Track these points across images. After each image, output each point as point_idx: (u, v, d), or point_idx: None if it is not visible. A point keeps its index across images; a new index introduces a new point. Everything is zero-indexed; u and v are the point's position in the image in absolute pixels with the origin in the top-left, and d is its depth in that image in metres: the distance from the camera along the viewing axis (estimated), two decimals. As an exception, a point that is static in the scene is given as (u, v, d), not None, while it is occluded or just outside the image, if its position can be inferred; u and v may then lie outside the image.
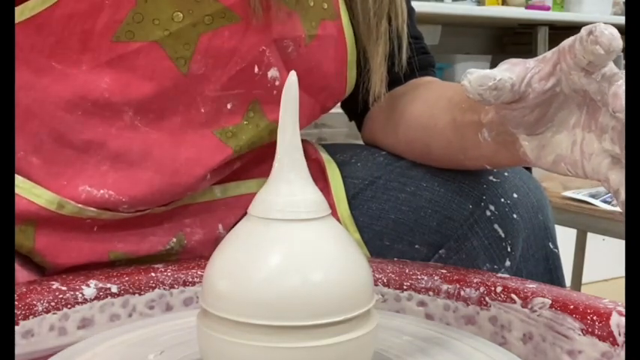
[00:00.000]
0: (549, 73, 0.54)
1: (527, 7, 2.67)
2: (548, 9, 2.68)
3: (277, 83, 0.73)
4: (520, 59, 0.56)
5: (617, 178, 0.52)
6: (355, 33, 0.78)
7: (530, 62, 0.55)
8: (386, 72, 0.80)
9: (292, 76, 0.48)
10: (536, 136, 0.58)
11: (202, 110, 0.72)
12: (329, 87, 0.78)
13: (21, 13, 0.67)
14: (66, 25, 0.67)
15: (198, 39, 0.68)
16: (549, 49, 0.55)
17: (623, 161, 0.51)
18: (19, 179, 0.69)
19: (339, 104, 0.91)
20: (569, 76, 0.53)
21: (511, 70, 0.54)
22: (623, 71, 0.51)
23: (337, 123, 2.24)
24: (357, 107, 0.87)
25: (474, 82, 0.54)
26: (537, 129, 0.57)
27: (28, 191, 0.69)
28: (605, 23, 0.50)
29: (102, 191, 0.70)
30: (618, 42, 0.49)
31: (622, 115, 0.49)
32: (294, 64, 0.73)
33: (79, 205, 0.69)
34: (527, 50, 2.74)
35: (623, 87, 0.49)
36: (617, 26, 0.53)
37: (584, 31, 0.50)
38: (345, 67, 0.78)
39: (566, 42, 0.52)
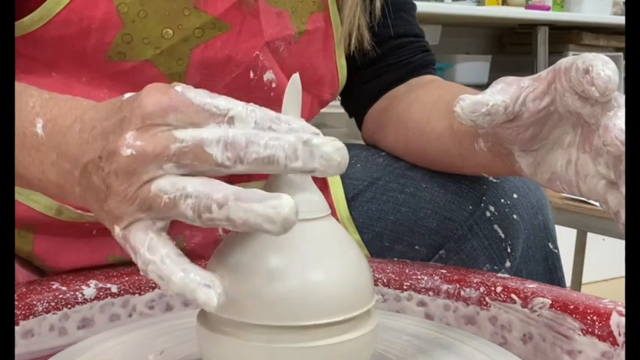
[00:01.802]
0: (544, 92, 0.53)
1: (527, 7, 2.67)
2: (548, 9, 2.68)
3: (274, 85, 0.73)
4: (515, 78, 0.55)
5: (616, 200, 0.51)
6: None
7: (525, 81, 0.54)
8: (361, 21, 0.79)
9: (295, 78, 0.48)
10: (531, 152, 0.57)
11: None
12: (323, 79, 0.78)
13: (20, 30, 0.67)
14: (59, 44, 0.66)
15: (190, 53, 0.68)
16: (549, 49, 0.55)
17: (620, 186, 0.49)
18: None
19: (339, 104, 0.91)
20: (563, 98, 0.52)
21: (505, 91, 0.53)
22: (622, 95, 0.50)
23: (337, 123, 2.25)
24: (356, 105, 0.87)
25: (467, 108, 0.53)
26: (532, 146, 0.57)
27: (26, 197, 0.69)
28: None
29: None
30: (614, 84, 0.48)
31: (613, 149, 0.47)
32: (286, 63, 0.73)
33: (78, 211, 0.69)
34: (527, 50, 2.73)
35: (615, 119, 0.48)
36: (617, 26, 0.53)
37: (581, 63, 0.49)
38: (334, 57, 0.78)
39: (563, 62, 0.51)
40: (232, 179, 0.78)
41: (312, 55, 0.76)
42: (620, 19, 2.72)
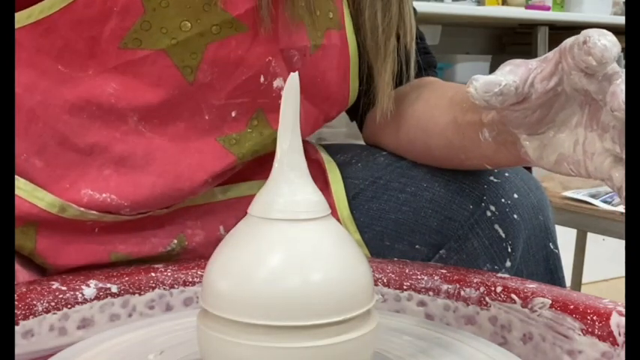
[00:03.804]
0: (551, 73, 0.54)
1: (527, 7, 2.67)
2: (548, 9, 2.68)
3: (282, 93, 0.73)
4: (522, 60, 0.56)
5: (620, 176, 0.51)
6: (360, 47, 0.77)
7: (533, 63, 0.55)
8: (393, 89, 0.79)
9: (293, 78, 0.48)
10: (537, 135, 0.58)
11: (207, 117, 0.71)
12: (332, 96, 0.78)
13: (28, 16, 0.67)
14: (73, 30, 0.66)
15: (205, 48, 0.68)
16: (549, 49, 0.55)
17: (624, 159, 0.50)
18: (21, 181, 0.69)
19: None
20: (569, 76, 0.52)
21: (514, 73, 0.54)
22: (624, 70, 0.51)
23: (337, 123, 2.23)
24: (358, 109, 0.87)
25: (480, 88, 0.53)
26: (539, 129, 0.57)
27: (29, 194, 0.69)
28: (604, 26, 0.49)
29: (104, 195, 0.70)
30: (611, 53, 0.49)
31: (620, 114, 0.48)
32: (299, 74, 0.73)
33: (81, 209, 0.69)
34: (527, 50, 2.74)
35: (622, 85, 0.49)
36: (617, 26, 0.53)
37: (582, 36, 0.50)
38: (347, 77, 0.78)
39: (568, 41, 0.52)
40: (232, 179, 0.78)
41: (326, 71, 0.76)
42: (620, 19, 2.72)
